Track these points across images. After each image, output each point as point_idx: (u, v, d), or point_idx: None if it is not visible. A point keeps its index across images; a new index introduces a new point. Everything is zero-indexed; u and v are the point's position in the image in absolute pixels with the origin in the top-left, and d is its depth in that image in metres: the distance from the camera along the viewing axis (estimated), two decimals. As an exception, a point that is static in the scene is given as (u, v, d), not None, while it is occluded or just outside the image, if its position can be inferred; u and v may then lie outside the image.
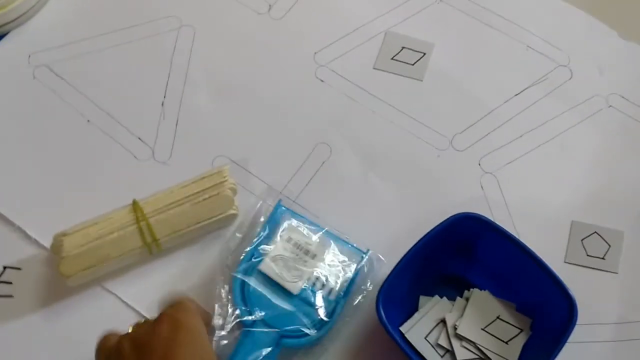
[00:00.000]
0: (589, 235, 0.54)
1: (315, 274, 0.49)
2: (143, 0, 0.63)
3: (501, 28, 0.63)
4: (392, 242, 0.53)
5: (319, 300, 0.48)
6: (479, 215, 0.47)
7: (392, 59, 0.61)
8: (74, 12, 0.62)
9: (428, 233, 0.46)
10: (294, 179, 0.56)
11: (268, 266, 0.49)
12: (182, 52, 0.61)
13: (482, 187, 0.56)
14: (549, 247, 0.50)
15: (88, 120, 0.57)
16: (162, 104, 0.59)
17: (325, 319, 0.48)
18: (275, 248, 0.50)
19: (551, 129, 0.59)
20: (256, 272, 0.49)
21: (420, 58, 0.61)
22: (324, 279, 0.49)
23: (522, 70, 0.61)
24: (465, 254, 0.50)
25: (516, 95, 0.60)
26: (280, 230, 0.51)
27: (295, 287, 0.48)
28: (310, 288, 0.49)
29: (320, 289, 0.49)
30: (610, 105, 0.60)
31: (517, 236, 0.48)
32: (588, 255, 0.54)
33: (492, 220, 0.48)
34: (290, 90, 0.60)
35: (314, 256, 0.50)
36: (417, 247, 0.46)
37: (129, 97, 0.59)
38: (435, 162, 0.57)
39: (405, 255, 0.46)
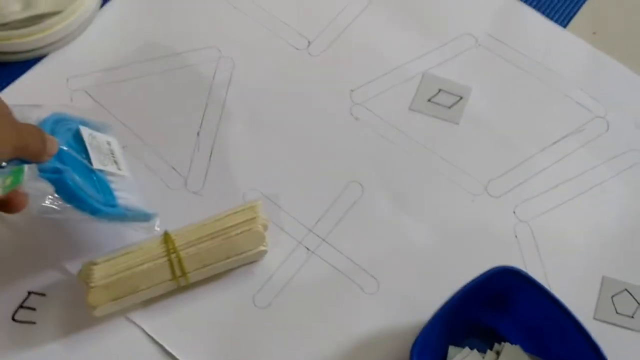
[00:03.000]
0: (619, 293, 0.53)
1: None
2: (182, 29, 0.63)
3: (539, 75, 0.62)
4: (424, 285, 0.52)
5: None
6: (518, 269, 0.46)
7: (428, 100, 0.61)
8: (113, 38, 0.62)
9: (465, 286, 0.45)
10: (324, 217, 0.56)
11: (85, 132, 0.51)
12: (220, 83, 0.60)
13: (515, 235, 0.55)
14: (579, 302, 0.49)
15: (123, 147, 0.56)
16: (198, 134, 0.58)
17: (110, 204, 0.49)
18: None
19: (586, 181, 0.58)
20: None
21: (457, 101, 0.61)
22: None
23: (558, 118, 0.60)
24: (497, 305, 0.49)
25: (553, 144, 0.59)
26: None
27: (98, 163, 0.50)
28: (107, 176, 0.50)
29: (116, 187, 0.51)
30: (646, 161, 0.59)
31: (548, 288, 0.47)
32: (617, 313, 0.53)
33: (530, 275, 0.47)
34: (325, 126, 0.59)
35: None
36: (454, 300, 0.45)
37: (164, 125, 0.59)
38: (469, 207, 0.56)
39: (441, 308, 0.45)
